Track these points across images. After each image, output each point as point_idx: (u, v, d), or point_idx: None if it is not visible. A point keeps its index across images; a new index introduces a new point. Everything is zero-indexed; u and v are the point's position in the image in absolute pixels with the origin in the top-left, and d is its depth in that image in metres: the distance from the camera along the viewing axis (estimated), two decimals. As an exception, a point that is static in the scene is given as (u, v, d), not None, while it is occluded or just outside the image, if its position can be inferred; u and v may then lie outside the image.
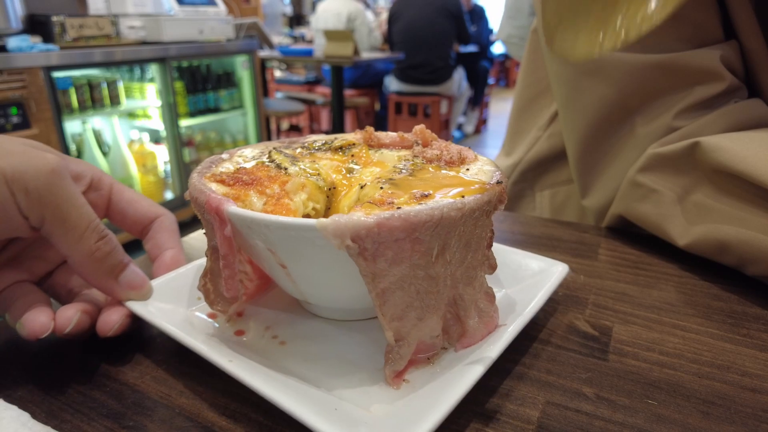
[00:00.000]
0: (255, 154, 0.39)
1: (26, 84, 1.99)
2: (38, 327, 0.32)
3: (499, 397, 0.31)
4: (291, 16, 7.06)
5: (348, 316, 0.37)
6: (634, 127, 0.52)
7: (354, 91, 4.35)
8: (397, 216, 0.26)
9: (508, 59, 8.12)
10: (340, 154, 0.40)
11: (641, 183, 0.50)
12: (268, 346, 0.35)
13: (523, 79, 0.77)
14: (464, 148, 0.37)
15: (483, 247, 0.32)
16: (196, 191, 0.32)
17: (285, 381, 0.30)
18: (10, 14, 2.09)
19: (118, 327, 0.34)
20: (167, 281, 0.38)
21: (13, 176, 0.29)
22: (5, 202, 0.29)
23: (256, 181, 0.34)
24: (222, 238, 0.31)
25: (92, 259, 0.33)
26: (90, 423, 0.29)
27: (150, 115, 2.81)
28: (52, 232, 0.31)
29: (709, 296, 0.43)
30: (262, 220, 0.28)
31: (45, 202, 0.30)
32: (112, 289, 0.35)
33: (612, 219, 0.56)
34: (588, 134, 0.56)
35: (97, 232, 0.33)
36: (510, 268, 0.42)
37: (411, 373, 0.31)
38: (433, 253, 0.28)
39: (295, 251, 0.30)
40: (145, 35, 2.61)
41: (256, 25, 3.71)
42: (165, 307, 0.36)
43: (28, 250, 0.37)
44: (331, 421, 0.25)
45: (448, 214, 0.27)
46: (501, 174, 0.33)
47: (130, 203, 0.40)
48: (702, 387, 0.32)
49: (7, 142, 0.31)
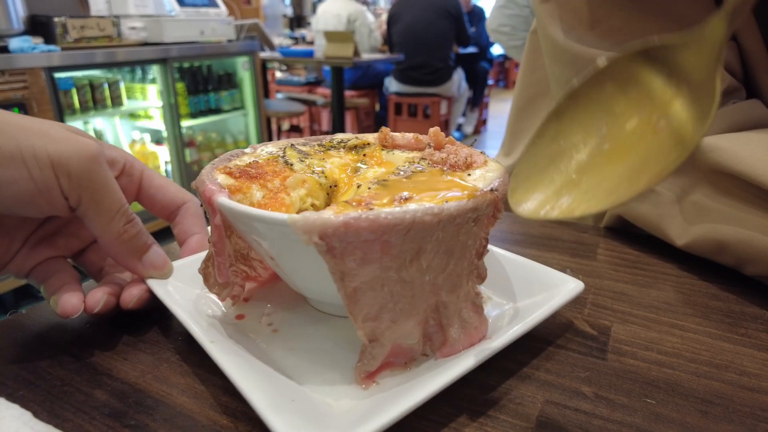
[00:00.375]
0: (274, 150, 0.40)
1: (28, 85, 1.99)
2: (70, 308, 0.35)
3: (497, 395, 0.31)
4: (291, 17, 7.07)
5: (343, 312, 0.38)
6: None
7: (354, 92, 4.36)
8: (364, 217, 0.26)
9: (508, 60, 8.12)
10: (353, 153, 0.40)
11: None
12: (259, 332, 0.36)
13: (523, 80, 0.77)
14: (476, 152, 0.37)
15: (470, 256, 0.31)
16: (199, 181, 0.33)
17: (256, 366, 0.31)
18: (11, 15, 2.10)
19: (137, 300, 0.37)
20: (188, 263, 0.40)
21: (58, 161, 0.32)
22: (50, 183, 0.32)
23: (260, 175, 0.35)
24: (213, 227, 0.33)
25: (119, 240, 0.36)
26: (91, 422, 0.29)
27: (151, 116, 2.81)
28: (87, 213, 0.35)
29: (708, 296, 0.43)
30: (242, 212, 0.29)
31: (83, 186, 0.33)
32: (135, 268, 0.38)
33: (611, 219, 0.56)
34: None
35: (125, 216, 0.36)
36: (525, 280, 0.40)
37: (384, 377, 0.31)
38: (406, 258, 0.28)
39: (276, 244, 0.31)
40: (147, 36, 2.61)
41: (256, 26, 3.71)
42: (180, 287, 0.38)
43: (64, 228, 0.40)
44: (277, 410, 0.26)
45: (421, 219, 0.26)
46: (501, 181, 0.32)
47: (159, 189, 0.42)
48: (700, 386, 0.32)
49: (53, 128, 0.33)
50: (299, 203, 0.33)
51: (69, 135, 0.33)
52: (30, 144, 0.31)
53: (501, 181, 0.32)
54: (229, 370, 0.28)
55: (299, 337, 0.35)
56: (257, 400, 0.26)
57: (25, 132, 0.31)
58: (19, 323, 0.39)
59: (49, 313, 0.40)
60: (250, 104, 3.21)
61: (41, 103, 2.04)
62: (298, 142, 0.42)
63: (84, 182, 0.33)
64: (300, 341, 0.35)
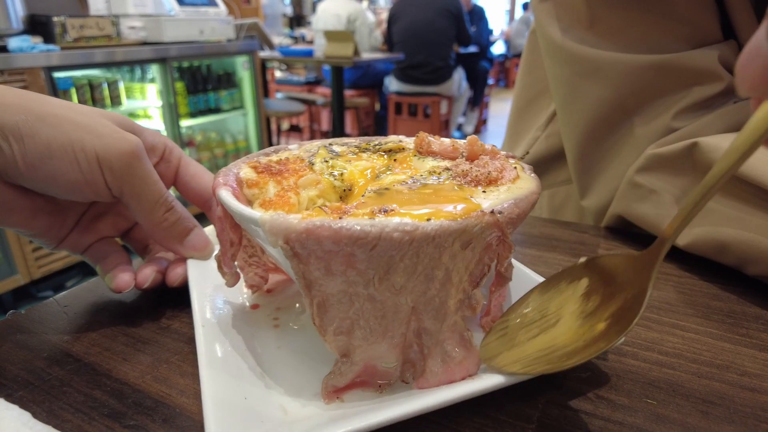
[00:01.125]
0: (313, 148, 0.40)
1: (27, 84, 1.99)
2: (123, 284, 0.39)
3: (498, 396, 0.31)
4: (291, 16, 7.06)
5: None
6: (633, 128, 0.51)
7: (354, 92, 4.36)
8: (327, 226, 0.24)
9: (508, 59, 8.12)
10: (385, 157, 0.39)
11: (640, 183, 0.50)
12: (260, 325, 0.36)
13: (522, 80, 0.77)
14: (509, 167, 0.33)
15: (461, 283, 0.28)
16: (221, 172, 0.34)
17: (231, 357, 0.31)
18: (11, 15, 2.10)
19: (181, 279, 0.41)
20: None
21: (103, 156, 0.35)
22: (96, 176, 0.35)
23: (280, 172, 0.35)
24: (216, 217, 0.34)
25: (160, 228, 0.40)
26: (91, 422, 0.29)
27: (151, 116, 2.81)
28: (129, 203, 0.38)
29: (709, 296, 0.43)
30: (228, 205, 0.30)
31: (125, 179, 0.36)
32: (177, 250, 0.42)
33: (611, 219, 0.56)
34: (586, 135, 0.55)
35: (165, 206, 0.39)
36: None
37: (353, 397, 0.29)
38: (373, 275, 0.26)
39: (261, 241, 0.31)
40: (146, 36, 2.61)
41: (256, 25, 3.71)
42: (214, 270, 0.38)
43: (111, 208, 0.44)
44: (219, 403, 0.26)
45: (388, 235, 0.24)
46: (512, 204, 0.28)
47: (193, 177, 0.44)
48: (701, 386, 0.32)
49: (100, 123, 0.36)
50: (307, 204, 0.33)
51: (113, 130, 0.36)
52: (79, 138, 0.34)
53: (512, 203, 0.28)
54: (201, 355, 0.29)
55: (294, 338, 0.35)
56: (207, 388, 0.27)
57: (75, 126, 0.35)
58: (18, 323, 0.39)
59: (49, 313, 0.40)
60: (249, 104, 3.21)
61: (41, 103, 2.04)
62: (340, 141, 0.42)
63: (125, 176, 0.36)
64: (292, 341, 0.35)
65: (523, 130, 0.77)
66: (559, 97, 0.59)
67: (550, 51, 0.57)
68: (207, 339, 0.32)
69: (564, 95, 0.57)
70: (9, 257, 2.03)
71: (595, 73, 0.52)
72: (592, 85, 0.52)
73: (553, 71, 0.58)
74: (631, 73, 0.50)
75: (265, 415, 0.27)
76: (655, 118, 0.50)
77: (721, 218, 0.44)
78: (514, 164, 0.35)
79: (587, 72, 0.53)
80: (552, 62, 0.58)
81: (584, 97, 0.54)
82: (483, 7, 5.24)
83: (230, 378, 0.29)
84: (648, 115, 0.50)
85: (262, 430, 0.26)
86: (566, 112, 0.58)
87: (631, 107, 0.51)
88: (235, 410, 0.26)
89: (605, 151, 0.55)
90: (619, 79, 0.50)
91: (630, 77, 0.50)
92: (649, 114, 0.50)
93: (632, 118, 0.51)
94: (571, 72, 0.54)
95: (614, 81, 0.51)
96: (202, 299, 0.37)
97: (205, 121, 2.98)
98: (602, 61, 0.51)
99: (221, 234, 0.34)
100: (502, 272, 0.30)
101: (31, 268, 2.10)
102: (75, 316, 0.40)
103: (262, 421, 0.27)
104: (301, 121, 4.74)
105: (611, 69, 0.51)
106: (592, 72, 0.52)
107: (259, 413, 0.27)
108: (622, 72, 0.50)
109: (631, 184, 0.51)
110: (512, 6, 9.41)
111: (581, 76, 0.53)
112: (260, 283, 0.40)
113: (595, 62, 0.52)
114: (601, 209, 0.58)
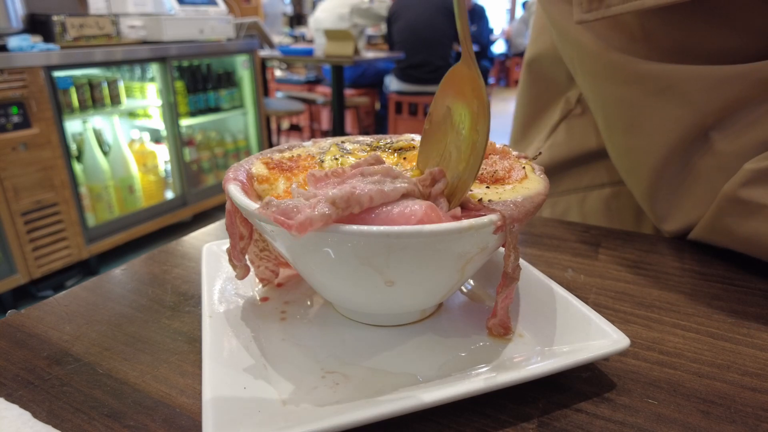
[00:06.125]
0: (325, 145, 0.41)
1: (27, 83, 1.99)
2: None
3: (499, 395, 0.31)
4: (291, 15, 7.06)
5: (360, 317, 0.37)
6: (713, 145, 0.47)
7: (354, 91, 4.35)
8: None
9: (509, 59, 8.12)
10: (394, 155, 0.39)
11: (746, 199, 0.45)
12: (267, 317, 0.37)
13: (524, 94, 0.77)
14: (518, 167, 0.33)
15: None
16: (233, 167, 0.35)
17: (234, 347, 0.32)
18: (10, 14, 2.09)
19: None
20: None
21: None
22: None
23: (290, 169, 0.36)
24: (226, 211, 0.35)
25: None
26: (91, 422, 0.29)
27: (150, 115, 2.80)
28: None
29: (710, 296, 0.43)
30: (233, 198, 0.31)
31: None
32: None
33: (699, 236, 0.52)
34: (665, 159, 0.50)
35: None
36: (565, 323, 0.35)
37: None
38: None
39: (265, 234, 0.32)
40: (146, 35, 2.61)
41: (256, 24, 3.71)
42: (227, 262, 0.39)
43: None
44: (218, 390, 0.27)
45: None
46: (512, 202, 0.28)
47: None
48: (702, 386, 0.32)
49: None
50: None
51: None
52: None
53: (512, 201, 0.29)
54: (206, 344, 0.31)
55: (299, 330, 0.36)
56: (208, 375, 0.28)
57: None
58: (18, 323, 0.39)
59: (49, 313, 0.40)
60: (249, 103, 3.20)
61: (40, 102, 2.04)
62: (352, 139, 0.43)
63: None
64: (297, 334, 0.35)
65: (526, 139, 0.78)
66: (622, 122, 0.53)
67: (604, 73, 0.52)
68: (213, 328, 0.33)
69: (630, 119, 0.52)
70: (9, 256, 2.03)
71: (668, 90, 0.47)
72: (665, 104, 0.48)
73: (614, 94, 0.52)
74: (712, 87, 0.45)
75: (262, 404, 0.28)
76: (742, 132, 0.46)
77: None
78: (524, 164, 0.35)
79: (659, 90, 0.48)
80: (608, 84, 0.52)
81: (657, 118, 0.49)
82: (483, 6, 5.23)
83: (231, 367, 0.30)
84: (729, 129, 0.46)
85: (259, 418, 0.26)
86: (633, 138, 0.53)
87: (709, 123, 0.47)
88: (234, 398, 0.27)
89: (687, 173, 0.50)
90: (697, 95, 0.46)
91: (710, 92, 0.45)
92: (730, 128, 0.46)
93: (710, 134, 0.47)
94: (640, 92, 0.49)
95: (692, 97, 0.46)
96: (212, 289, 0.38)
97: (205, 120, 2.98)
98: (675, 78, 0.46)
99: (230, 227, 0.35)
100: (509, 273, 0.31)
101: (31, 268, 2.10)
102: (75, 315, 0.40)
103: (260, 410, 0.27)
104: (301, 121, 4.73)
105: (687, 84, 0.46)
106: (664, 90, 0.47)
107: (258, 402, 0.28)
108: (701, 87, 0.45)
109: (734, 200, 0.46)
110: (513, 5, 9.40)
111: (652, 96, 0.48)
112: (271, 277, 0.41)
113: (667, 80, 0.47)
114: (685, 232, 0.53)
